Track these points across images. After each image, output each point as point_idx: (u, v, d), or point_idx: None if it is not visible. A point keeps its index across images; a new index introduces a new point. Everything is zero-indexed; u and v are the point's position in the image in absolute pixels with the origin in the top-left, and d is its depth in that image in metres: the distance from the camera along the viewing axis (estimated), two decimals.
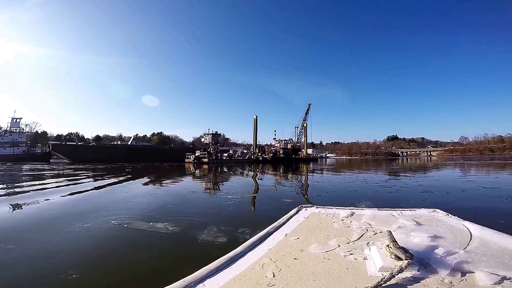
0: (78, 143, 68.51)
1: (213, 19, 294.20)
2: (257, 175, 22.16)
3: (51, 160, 62.16)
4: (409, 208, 2.31)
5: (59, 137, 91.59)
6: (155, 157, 60.33)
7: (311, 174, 24.44)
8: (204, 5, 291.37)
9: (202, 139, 59.63)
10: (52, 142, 68.97)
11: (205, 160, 48.45)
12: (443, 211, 2.13)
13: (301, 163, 54.98)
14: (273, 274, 1.15)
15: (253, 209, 7.84)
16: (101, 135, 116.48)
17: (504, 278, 1.00)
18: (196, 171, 27.11)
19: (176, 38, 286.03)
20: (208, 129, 57.99)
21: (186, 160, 50.53)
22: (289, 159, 64.75)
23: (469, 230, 1.62)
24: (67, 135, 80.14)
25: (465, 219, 1.84)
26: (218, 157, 53.11)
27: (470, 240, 1.46)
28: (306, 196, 10.46)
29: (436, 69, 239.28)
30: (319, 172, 26.90)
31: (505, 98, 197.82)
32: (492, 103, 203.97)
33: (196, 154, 51.02)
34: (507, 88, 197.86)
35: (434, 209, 2.21)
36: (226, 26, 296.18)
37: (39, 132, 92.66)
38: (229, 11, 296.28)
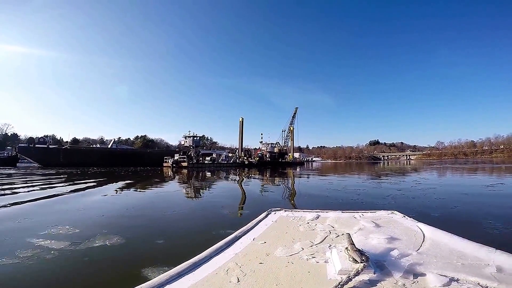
0: (50, 146, 60.39)
1: (203, 24, 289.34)
2: (242, 179, 16.92)
3: (19, 164, 54.56)
4: (370, 210, 2.28)
5: (31, 140, 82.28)
6: (135, 161, 53.79)
7: (298, 178, 20.86)
8: (194, 10, 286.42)
9: (182, 142, 52.82)
10: (21, 145, 60.78)
11: (184, 164, 42.11)
12: (400, 213, 2.11)
13: (288, 167, 49.62)
14: (238, 279, 1.10)
15: None
16: (81, 138, 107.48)
17: (452, 280, 1.01)
18: (175, 176, 22.04)
19: (167, 42, 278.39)
20: (189, 131, 51.07)
21: (164, 164, 44.13)
22: (275, 163, 59.16)
23: (422, 232, 1.63)
24: (41, 137, 71.32)
25: (419, 220, 1.85)
26: (199, 161, 46.84)
27: (423, 242, 1.46)
28: None
29: (413, 78, 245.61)
30: (306, 176, 22.82)
31: (477, 105, 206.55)
32: (465, 110, 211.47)
33: (175, 158, 44.51)
34: (479, 95, 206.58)
35: (392, 211, 2.19)
36: (216, 33, 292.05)
37: (9, 134, 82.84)
38: (218, 17, 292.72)
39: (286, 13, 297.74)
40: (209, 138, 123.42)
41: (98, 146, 78.05)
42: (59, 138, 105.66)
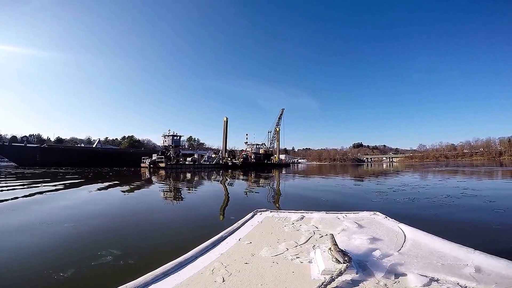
0: (28, 145, 56.10)
1: (194, 30, 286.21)
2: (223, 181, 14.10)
3: None
4: (353, 211, 2.25)
5: (14, 139, 76.96)
6: (117, 161, 50.54)
7: (284, 180, 18.55)
8: (184, 15, 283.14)
9: (161, 142, 49.11)
10: None
11: (162, 165, 38.84)
12: (382, 214, 2.08)
13: (273, 168, 46.34)
14: (223, 279, 1.08)
15: None
16: (68, 138, 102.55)
17: (432, 280, 1.01)
18: (153, 178, 19.50)
19: (158, 43, 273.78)
20: (169, 130, 47.29)
21: (142, 165, 40.85)
22: (260, 165, 56.11)
23: (403, 232, 1.61)
24: (23, 136, 66.52)
25: (400, 221, 1.82)
26: (179, 162, 43.46)
27: (404, 242, 1.46)
28: None
29: (396, 83, 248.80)
30: (292, 179, 20.12)
31: (457, 109, 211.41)
32: (446, 114, 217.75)
33: (152, 158, 41.14)
34: (459, 99, 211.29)
35: (375, 212, 2.16)
36: (206, 38, 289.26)
37: None
38: (208, 23, 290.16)
39: (274, 19, 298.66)
40: (196, 139, 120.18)
41: (82, 145, 74.18)
42: (46, 138, 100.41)
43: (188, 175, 23.15)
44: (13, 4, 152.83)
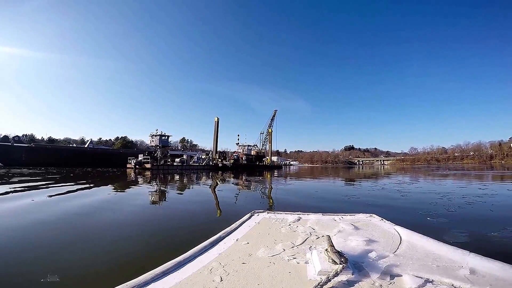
0: (14, 144, 54.05)
1: (188, 30, 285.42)
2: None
3: None
4: (349, 213, 2.25)
5: (5, 138, 74.64)
6: (106, 161, 49.01)
7: (275, 184, 16.61)
8: (179, 19, 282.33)
9: (148, 142, 47.03)
10: None
11: (148, 165, 37.27)
12: (378, 216, 2.09)
13: (265, 170, 44.83)
14: (221, 278, 1.10)
15: None
16: (61, 138, 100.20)
17: (427, 281, 1.02)
18: (138, 179, 18.20)
19: (152, 44, 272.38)
20: (156, 130, 45.03)
21: (128, 166, 39.23)
22: (252, 166, 54.53)
23: (399, 234, 1.62)
24: (15, 136, 64.54)
25: (397, 223, 1.82)
26: (166, 162, 41.73)
27: (399, 244, 1.46)
28: None
29: (387, 86, 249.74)
30: (284, 183, 18.07)
31: (448, 112, 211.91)
32: (437, 118, 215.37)
33: (138, 159, 39.54)
34: (451, 103, 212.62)
35: (371, 214, 2.16)
36: (201, 41, 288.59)
37: None
38: (203, 26, 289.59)
39: (267, 22, 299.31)
40: (189, 140, 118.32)
41: (74, 145, 72.32)
42: (40, 138, 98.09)
43: (177, 177, 21.71)
44: (11, 5, 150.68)
